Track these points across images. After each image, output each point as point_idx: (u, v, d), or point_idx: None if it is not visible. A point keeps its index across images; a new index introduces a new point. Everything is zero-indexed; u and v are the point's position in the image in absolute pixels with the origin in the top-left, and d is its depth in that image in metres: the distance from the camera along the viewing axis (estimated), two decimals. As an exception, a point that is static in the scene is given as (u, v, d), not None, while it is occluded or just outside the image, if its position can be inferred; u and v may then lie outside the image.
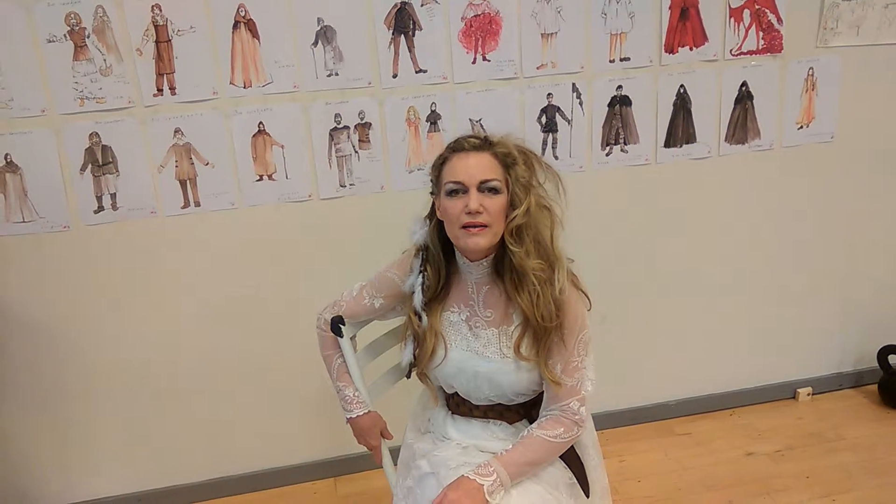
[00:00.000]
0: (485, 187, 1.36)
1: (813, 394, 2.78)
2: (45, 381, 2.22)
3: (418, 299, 1.49)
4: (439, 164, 1.43)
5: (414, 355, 1.52)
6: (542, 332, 1.38)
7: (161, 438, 2.34)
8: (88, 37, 1.99)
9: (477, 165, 1.37)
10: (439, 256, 1.48)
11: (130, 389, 2.27)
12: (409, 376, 1.58)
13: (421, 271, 1.49)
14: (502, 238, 1.39)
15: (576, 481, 1.46)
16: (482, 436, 1.50)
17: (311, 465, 2.46)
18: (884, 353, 2.69)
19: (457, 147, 1.42)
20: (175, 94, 2.06)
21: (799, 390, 2.76)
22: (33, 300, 2.15)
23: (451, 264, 1.50)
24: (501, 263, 1.42)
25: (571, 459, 1.47)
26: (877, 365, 2.71)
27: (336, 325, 1.57)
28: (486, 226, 1.35)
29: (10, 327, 2.16)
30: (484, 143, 1.41)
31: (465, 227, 1.36)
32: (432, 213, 1.48)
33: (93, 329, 2.20)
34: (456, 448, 1.48)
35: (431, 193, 1.48)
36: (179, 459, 2.37)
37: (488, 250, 1.41)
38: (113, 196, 2.11)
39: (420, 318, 1.49)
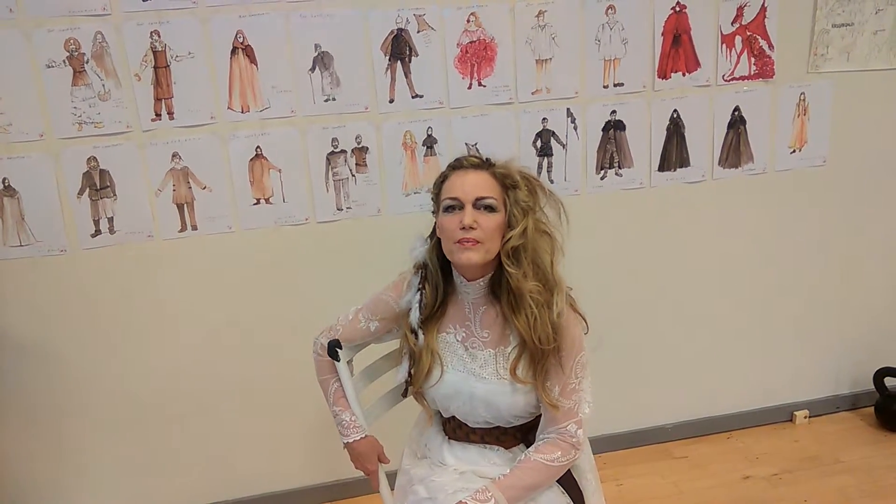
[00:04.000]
0: (480, 204, 1.38)
1: (810, 416, 2.77)
2: (40, 403, 2.20)
3: (415, 316, 1.49)
4: (439, 182, 1.45)
5: (410, 373, 1.51)
6: (540, 354, 1.38)
7: (157, 462, 2.32)
8: (87, 62, 2.01)
9: (474, 183, 1.39)
10: (437, 275, 1.49)
11: (126, 413, 2.26)
12: (405, 395, 1.57)
13: (419, 289, 1.50)
14: (501, 260, 1.40)
15: (573, 506, 1.46)
16: (479, 461, 1.49)
17: (308, 489, 2.44)
18: (880, 375, 2.69)
19: (456, 165, 1.44)
20: (173, 118, 2.08)
21: (796, 413, 2.76)
22: (30, 323, 2.14)
23: (449, 285, 1.50)
24: (498, 285, 1.43)
25: (569, 485, 1.46)
26: (873, 387, 2.71)
27: (333, 349, 1.57)
28: (478, 242, 1.36)
29: (7, 350, 2.15)
30: (483, 163, 1.43)
31: (459, 242, 1.37)
32: (434, 233, 1.49)
33: (89, 352, 2.19)
34: (453, 474, 1.48)
35: (433, 213, 1.49)
36: (176, 484, 2.35)
37: (484, 269, 1.42)
38: (110, 220, 2.12)
39: (416, 335, 1.49)
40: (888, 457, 2.51)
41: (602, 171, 2.39)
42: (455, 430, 1.53)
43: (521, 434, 1.51)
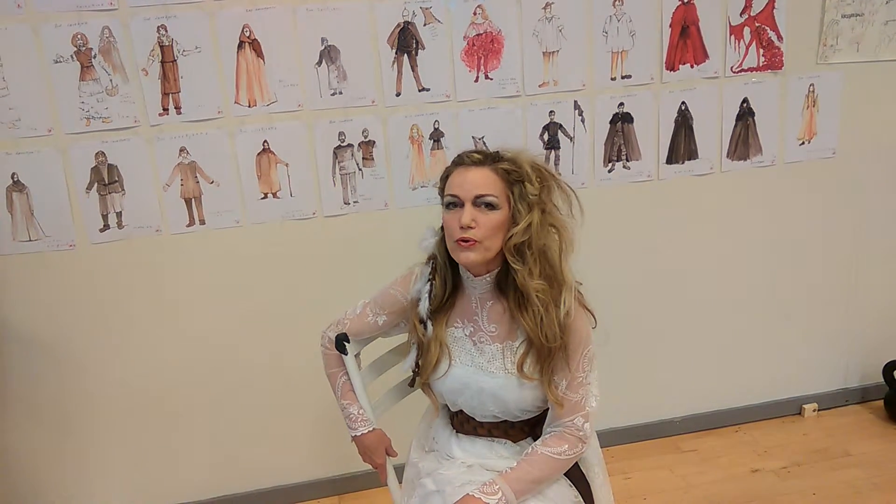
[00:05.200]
0: (480, 202, 1.36)
1: (819, 410, 2.76)
2: (48, 397, 2.22)
3: (424, 306, 1.49)
4: (444, 178, 1.44)
5: (417, 364, 1.51)
6: (546, 351, 1.37)
7: (164, 456, 2.34)
8: (95, 57, 2.01)
9: (474, 180, 1.37)
10: (446, 268, 1.48)
11: (133, 407, 2.27)
12: (412, 385, 1.57)
13: (429, 279, 1.50)
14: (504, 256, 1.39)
15: (581, 500, 1.46)
16: (487, 455, 1.49)
17: (316, 483, 2.45)
18: (889, 368, 2.67)
19: (459, 161, 1.43)
20: (180, 113, 2.08)
21: (805, 406, 2.75)
22: (38, 318, 2.16)
23: (458, 278, 1.50)
24: (505, 280, 1.42)
25: (577, 478, 1.46)
26: (882, 380, 2.70)
27: (340, 342, 1.57)
28: (476, 241, 1.35)
29: (15, 344, 2.16)
30: (485, 159, 1.40)
31: (458, 241, 1.36)
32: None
33: (97, 346, 2.20)
34: (461, 467, 1.48)
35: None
36: (182, 477, 2.36)
37: (490, 265, 1.41)
38: (118, 215, 2.12)
39: (425, 325, 1.49)
40: (898, 450, 2.50)
41: (610, 164, 2.38)
42: (462, 423, 1.53)
43: (529, 427, 1.50)
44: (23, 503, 2.28)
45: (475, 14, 2.17)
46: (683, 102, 2.37)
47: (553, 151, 2.32)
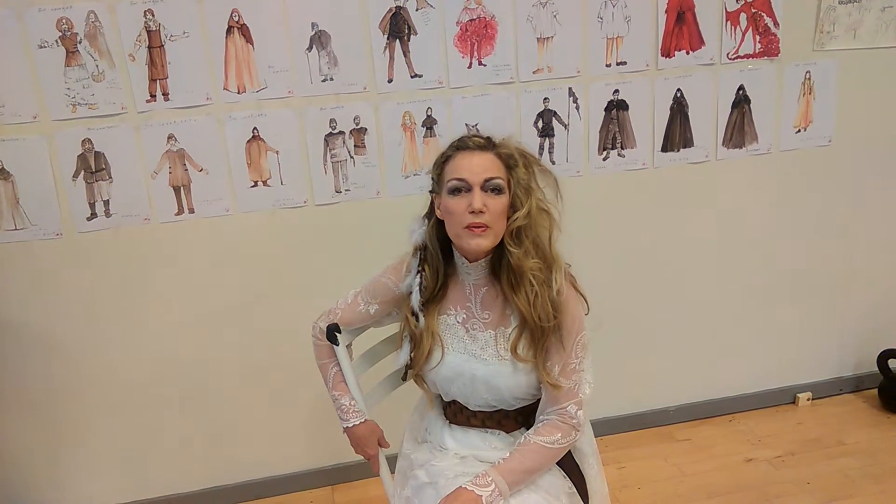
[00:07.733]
0: (489, 186, 1.35)
1: (813, 399, 2.76)
2: (38, 388, 2.20)
3: (416, 299, 1.47)
4: (441, 162, 1.42)
5: (410, 357, 1.50)
6: (540, 332, 1.36)
7: (156, 447, 2.32)
8: (80, 42, 1.97)
9: (481, 164, 1.36)
10: (438, 256, 1.46)
11: (124, 397, 2.25)
12: (405, 378, 1.56)
13: (419, 271, 1.48)
14: (502, 239, 1.38)
15: (575, 491, 1.45)
16: (480, 446, 1.48)
17: (308, 473, 2.44)
18: (884, 357, 2.67)
19: (461, 145, 1.41)
20: (168, 99, 2.05)
21: (799, 395, 2.75)
22: (26, 308, 2.13)
23: (449, 266, 1.48)
24: (499, 264, 1.41)
25: (571, 469, 1.46)
26: (877, 369, 2.70)
27: (332, 333, 1.55)
28: (488, 227, 1.34)
29: (3, 335, 2.14)
30: (488, 143, 1.40)
31: (468, 227, 1.34)
32: (431, 212, 1.47)
33: (86, 337, 2.18)
34: (454, 458, 1.47)
35: (431, 192, 1.46)
36: (175, 468, 2.35)
37: (487, 251, 1.40)
38: (106, 203, 2.09)
39: (417, 318, 1.47)
40: (891, 439, 2.50)
41: (604, 152, 2.35)
42: (456, 414, 1.52)
43: (523, 418, 1.49)
44: (11, 493, 2.27)
45: (468, -1, 2.15)
46: (679, 90, 2.35)
47: (547, 139, 2.30)
